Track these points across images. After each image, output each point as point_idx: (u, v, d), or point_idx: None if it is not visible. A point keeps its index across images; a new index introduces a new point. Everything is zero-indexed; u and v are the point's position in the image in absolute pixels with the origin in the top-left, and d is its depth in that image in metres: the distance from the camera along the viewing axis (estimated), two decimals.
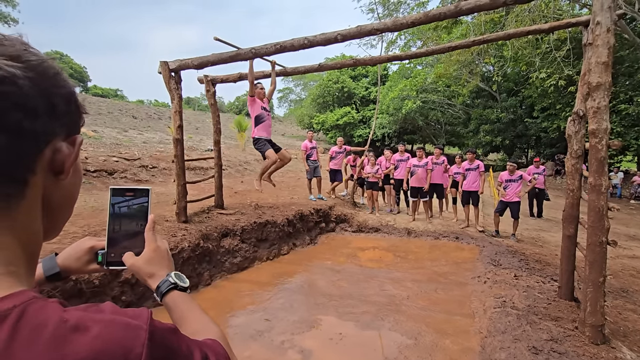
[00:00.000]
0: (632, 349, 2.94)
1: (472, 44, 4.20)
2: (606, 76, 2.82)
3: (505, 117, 20.06)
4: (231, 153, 13.80)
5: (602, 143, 2.84)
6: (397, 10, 12.75)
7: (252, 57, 4.11)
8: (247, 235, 5.37)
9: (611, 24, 2.79)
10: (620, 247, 6.50)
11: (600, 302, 2.87)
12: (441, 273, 5.04)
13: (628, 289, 4.48)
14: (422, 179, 7.46)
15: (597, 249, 2.87)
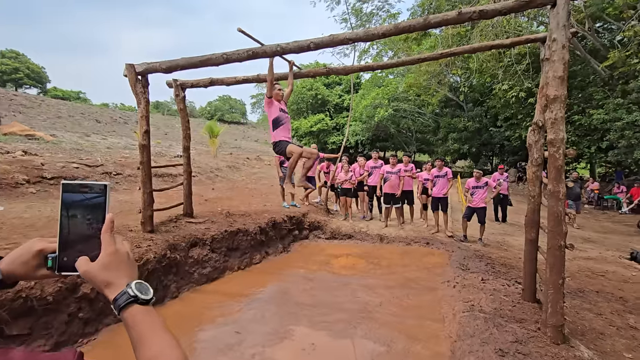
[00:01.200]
0: (589, 347, 3.10)
1: (440, 56, 4.36)
2: (562, 89, 3.00)
3: (471, 126, 20.95)
4: (202, 159, 13.45)
5: (560, 152, 3.01)
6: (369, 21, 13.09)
7: (223, 62, 4.03)
8: (218, 244, 5.21)
9: (566, 41, 2.98)
10: (576, 249, 6.91)
11: (560, 303, 3.01)
12: (412, 278, 5.12)
13: (584, 289, 4.74)
14: (395, 186, 7.60)
15: (557, 253, 3.01)
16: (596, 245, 7.85)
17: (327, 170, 9.13)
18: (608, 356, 3.02)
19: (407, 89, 21.41)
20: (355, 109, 24.91)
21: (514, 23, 13.30)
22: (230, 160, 15.24)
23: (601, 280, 5.27)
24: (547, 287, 3.08)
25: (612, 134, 12.79)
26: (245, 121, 57.98)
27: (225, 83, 5.17)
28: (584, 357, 2.88)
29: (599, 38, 14.71)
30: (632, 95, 12.79)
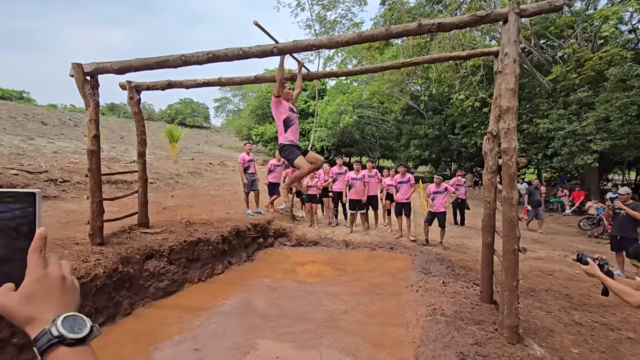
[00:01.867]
0: (541, 344, 3.26)
1: (402, 65, 4.47)
2: (514, 101, 3.17)
3: (431, 133, 21.86)
4: (161, 165, 12.82)
5: (512, 160, 3.17)
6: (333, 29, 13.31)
7: (181, 64, 3.85)
8: (176, 255, 4.93)
9: (517, 56, 3.16)
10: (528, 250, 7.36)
11: (515, 304, 3.15)
12: (377, 284, 5.16)
13: (535, 289, 5.04)
14: (360, 192, 7.68)
15: (511, 256, 3.16)
16: (544, 245, 8.42)
17: None
18: (558, 352, 3.19)
19: (370, 96, 21.94)
20: (321, 115, 25.07)
21: (469, 37, 14.11)
22: (192, 166, 14.67)
23: (550, 279, 5.64)
24: (503, 289, 3.21)
25: (556, 142, 13.90)
26: (209, 125, 56.29)
27: (184, 86, 4.95)
28: (537, 355, 3.02)
29: (543, 54, 16.01)
30: (572, 106, 14.01)
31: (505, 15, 3.13)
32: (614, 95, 12.05)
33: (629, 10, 13.15)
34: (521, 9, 3.12)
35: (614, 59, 12.07)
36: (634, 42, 15.22)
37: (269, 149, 28.15)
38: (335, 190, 8.25)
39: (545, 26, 15.09)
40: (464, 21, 3.27)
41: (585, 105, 13.53)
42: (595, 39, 13.95)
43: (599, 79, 13.19)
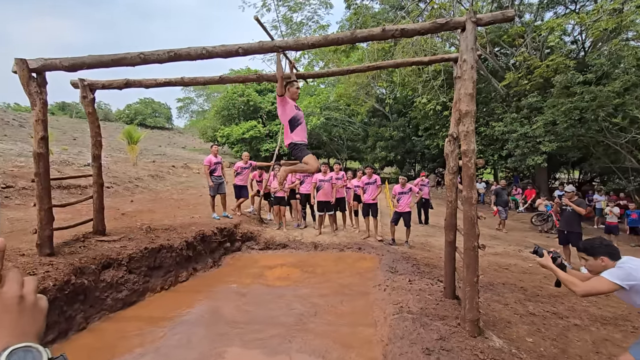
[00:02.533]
0: (499, 336, 3.45)
1: (367, 69, 4.56)
2: (472, 105, 3.33)
3: (396, 135, 22.51)
4: (119, 168, 12.13)
5: (472, 162, 3.32)
6: (299, 31, 13.32)
7: (140, 62, 3.66)
8: (136, 264, 4.67)
9: (474, 62, 3.33)
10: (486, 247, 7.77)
11: (476, 299, 3.30)
12: (346, 284, 5.20)
13: (493, 283, 5.32)
14: (329, 193, 7.73)
15: (472, 253, 3.31)
16: (501, 241, 8.94)
17: (260, 179, 8.92)
18: (514, 342, 3.39)
19: (337, 98, 22.23)
20: None
21: (430, 43, 14.71)
22: (153, 169, 14.02)
23: (506, 273, 5.99)
24: (465, 285, 3.36)
25: (510, 144, 14.82)
26: (171, 126, 54.02)
27: (144, 85, 4.72)
28: (496, 346, 3.19)
29: (498, 61, 17.03)
30: (524, 111, 15.02)
31: (463, 23, 3.29)
32: (559, 100, 13.07)
33: (571, 23, 14.33)
34: (477, 18, 3.29)
35: (559, 67, 13.10)
36: (576, 52, 16.61)
37: (235, 150, 27.58)
38: (303, 192, 8.24)
39: (499, 35, 16.07)
40: (425, 28, 3.39)
41: (535, 110, 14.56)
42: (542, 48, 15.06)
43: (546, 85, 14.25)
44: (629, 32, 12.79)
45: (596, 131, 12.91)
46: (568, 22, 13.91)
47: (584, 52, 16.15)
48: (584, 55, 15.44)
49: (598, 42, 14.49)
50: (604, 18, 11.68)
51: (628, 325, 3.96)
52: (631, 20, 11.42)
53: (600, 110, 11.98)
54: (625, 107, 11.69)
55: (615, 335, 3.70)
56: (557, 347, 3.39)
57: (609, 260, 2.21)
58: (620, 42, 12.37)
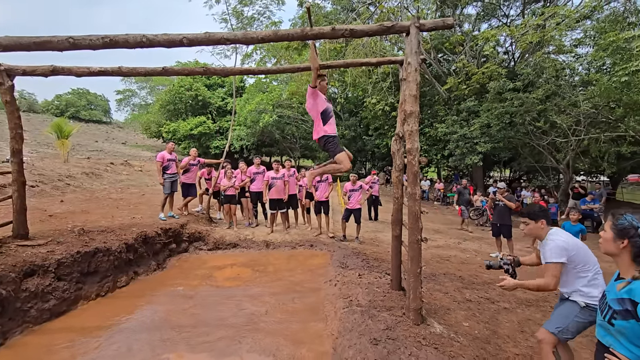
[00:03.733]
0: (440, 322, 3.69)
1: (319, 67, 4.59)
2: (416, 106, 3.51)
3: (348, 134, 23.00)
4: (47, 165, 10.92)
5: (416, 160, 3.51)
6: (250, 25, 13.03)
7: (69, 47, 3.31)
8: (66, 269, 4.24)
9: (418, 65, 3.51)
10: (430, 240, 8.27)
11: (419, 289, 3.50)
12: (298, 282, 5.22)
13: (435, 273, 5.69)
14: (281, 191, 7.67)
15: (415, 246, 3.50)
16: (442, 235, 9.58)
17: (209, 177, 8.59)
18: (453, 327, 3.65)
19: (290, 96, 22.12)
20: (240, 113, 24.35)
21: (380, 45, 15.25)
22: (88, 166, 12.82)
23: (447, 263, 6.43)
24: (409, 276, 3.54)
25: (451, 144, 15.91)
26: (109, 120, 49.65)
27: (74, 73, 4.29)
28: (436, 332, 3.41)
29: (441, 66, 18.18)
30: (463, 114, 16.21)
31: (408, 28, 3.45)
32: (493, 105, 14.32)
33: (503, 35, 15.74)
34: (421, 23, 3.47)
35: (493, 74, 14.34)
36: (507, 61, 18.30)
37: (182, 147, 26.22)
38: (253, 191, 8.07)
39: (442, 42, 17.17)
40: (373, 30, 3.51)
41: (473, 113, 15.79)
42: (479, 57, 16.38)
43: (482, 91, 15.52)
44: (550, 46, 14.38)
45: (523, 134, 14.37)
46: (501, 34, 15.27)
47: (513, 62, 17.84)
48: (514, 64, 17.06)
49: (525, 53, 16.11)
50: (530, 32, 13.01)
51: (547, 306, 4.47)
52: (551, 36, 12.85)
53: (526, 115, 13.35)
54: (546, 113, 13.15)
55: (537, 315, 4.15)
56: (489, 328, 3.72)
57: (546, 224, 2.58)
58: (542, 55, 13.86)
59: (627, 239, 1.57)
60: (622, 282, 1.56)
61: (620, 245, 1.60)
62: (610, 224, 1.66)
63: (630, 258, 1.57)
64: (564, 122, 12.61)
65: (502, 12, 18.09)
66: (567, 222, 5.90)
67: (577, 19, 12.90)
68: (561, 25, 12.64)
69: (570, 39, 14.82)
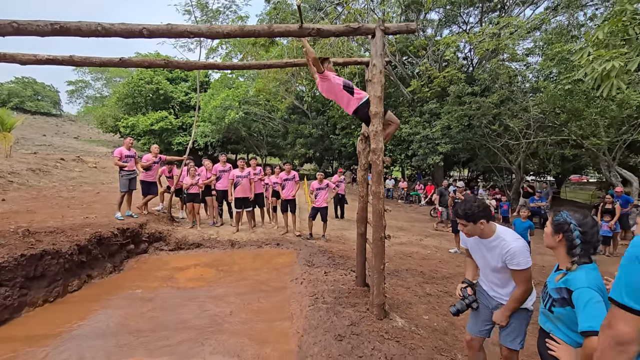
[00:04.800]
0: (402, 316, 3.83)
1: (285, 65, 4.58)
2: (381, 107, 3.60)
3: (315, 133, 23.07)
4: None
5: (380, 159, 3.61)
6: (215, 19, 12.65)
7: (12, 32, 3.03)
8: (8, 274, 3.90)
9: (382, 67, 3.60)
10: (393, 237, 8.53)
11: (382, 285, 3.60)
12: (263, 281, 5.17)
13: (398, 269, 5.88)
14: (247, 189, 7.55)
15: (379, 243, 3.60)
16: (406, 232, 9.91)
17: (170, 174, 8.26)
18: (414, 320, 3.80)
19: (257, 93, 21.78)
20: (204, 109, 23.59)
21: (347, 46, 15.43)
22: (35, 162, 11.84)
23: (409, 259, 6.67)
24: (373, 273, 3.64)
25: (415, 145, 16.49)
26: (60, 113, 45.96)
27: (18, 61, 3.94)
28: (398, 326, 3.53)
29: (405, 69, 18.75)
30: (426, 115, 16.85)
31: (373, 30, 3.53)
32: (453, 108, 15.02)
33: (463, 41, 16.55)
34: (386, 26, 3.57)
35: (453, 78, 15.03)
36: (466, 66, 19.26)
37: (142, 143, 24.95)
38: (219, 189, 7.90)
39: (406, 45, 17.71)
40: (340, 30, 3.55)
41: (435, 115, 16.46)
42: (440, 61, 17.09)
43: (443, 94, 16.21)
44: (504, 54, 15.34)
45: (480, 136, 15.22)
46: (460, 40, 16.03)
47: (472, 67, 18.82)
48: (472, 70, 18.00)
49: (482, 59, 17.05)
50: (487, 40, 13.79)
51: None
52: (505, 44, 13.70)
53: (483, 118, 14.15)
54: (501, 117, 14.02)
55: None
56: (447, 321, 3.91)
57: (487, 222, 2.26)
58: (498, 62, 14.75)
59: (562, 233, 1.72)
60: (561, 273, 1.71)
61: (557, 239, 1.75)
62: (550, 220, 1.81)
63: (565, 251, 1.72)
64: (516, 126, 13.52)
65: (462, 20, 19.01)
66: (518, 219, 6.34)
67: (528, 29, 13.86)
68: (514, 35, 13.52)
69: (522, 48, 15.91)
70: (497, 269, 2.27)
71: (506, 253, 2.14)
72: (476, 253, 2.44)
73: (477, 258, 2.47)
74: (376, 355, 2.95)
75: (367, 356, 2.95)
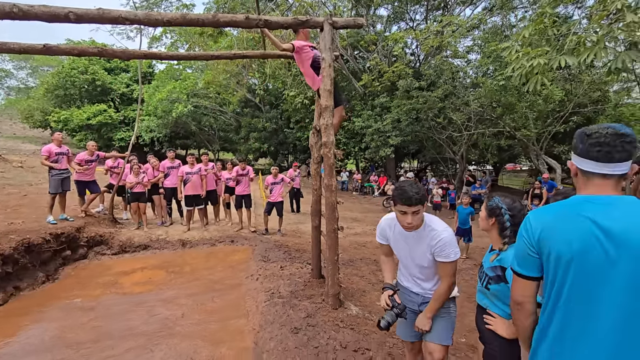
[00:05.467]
0: (356, 304, 3.95)
1: (234, 56, 4.42)
2: (330, 100, 3.63)
3: (269, 127, 22.74)
4: None
5: (331, 152, 3.65)
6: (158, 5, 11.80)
7: None
8: None
9: (331, 61, 3.62)
10: (347, 228, 8.74)
11: (336, 276, 3.68)
12: (217, 280, 5.03)
13: (353, 259, 6.05)
14: (198, 186, 7.24)
15: (332, 235, 3.66)
16: (360, 222, 10.20)
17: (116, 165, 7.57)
18: (367, 308, 3.94)
19: (206, 85, 20.87)
20: (149, 102, 22.12)
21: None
22: None
23: (363, 249, 6.88)
24: (327, 264, 3.70)
25: (367, 137, 16.94)
26: None
27: None
28: (353, 314, 3.64)
29: (357, 63, 19.09)
30: (377, 109, 17.35)
31: (322, 24, 3.54)
32: (402, 101, 15.64)
33: (410, 38, 17.22)
34: (334, 20, 3.59)
35: (402, 73, 15.62)
36: (414, 62, 20.10)
37: (77, 139, 22.81)
38: (168, 187, 7.49)
39: (357, 40, 18.00)
40: (288, 22, 3.51)
41: (385, 109, 17.02)
42: (390, 56, 17.64)
43: (393, 88, 16.79)
44: (447, 51, 16.25)
45: (427, 128, 16.04)
46: (408, 37, 16.67)
47: (419, 63, 19.68)
48: (419, 65, 18.83)
49: (428, 56, 17.90)
50: (431, 37, 14.50)
51: None
52: (448, 42, 14.52)
53: (429, 111, 14.92)
54: (445, 110, 14.88)
55: None
56: None
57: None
58: (442, 58, 15.59)
59: (494, 217, 1.88)
60: (495, 253, 1.87)
61: (490, 223, 1.90)
62: (484, 205, 1.97)
63: (497, 233, 1.88)
64: (458, 119, 14.44)
65: (409, 17, 19.75)
66: (461, 205, 6.81)
67: (468, 28, 14.81)
68: (456, 33, 14.37)
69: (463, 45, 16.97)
70: (423, 260, 2.07)
71: (436, 244, 1.96)
72: (400, 246, 2.18)
73: (399, 251, 2.21)
74: (331, 344, 3.02)
75: (323, 345, 3.01)
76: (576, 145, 1.25)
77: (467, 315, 3.93)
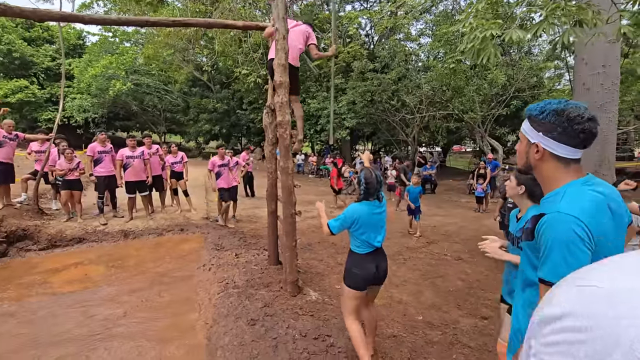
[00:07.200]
0: (315, 289, 3.84)
1: (173, 23, 3.92)
2: (285, 76, 3.36)
3: (220, 108, 21.60)
4: None
5: (287, 133, 3.41)
6: None
7: None
8: None
9: (285, 32, 3.33)
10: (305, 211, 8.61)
11: (295, 262, 3.53)
12: (165, 272, 4.64)
13: (311, 243, 5.95)
14: (141, 172, 6.59)
15: (289, 220, 3.48)
16: None
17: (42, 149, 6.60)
18: (326, 291, 3.86)
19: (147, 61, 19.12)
20: (80, 78, 19.81)
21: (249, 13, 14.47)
22: None
23: (321, 232, 6.80)
24: (285, 250, 3.53)
25: (322, 120, 16.77)
26: None
27: None
28: (312, 299, 3.53)
29: None
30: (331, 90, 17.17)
31: None
32: (357, 83, 15.59)
33: (364, 18, 17.09)
34: None
35: (357, 54, 15.51)
36: (368, 43, 20.08)
37: None
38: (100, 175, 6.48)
39: (312, 18, 17.46)
40: None
41: (341, 90, 16.89)
42: (344, 37, 17.40)
43: (348, 69, 16.67)
44: (400, 33, 16.39)
45: (381, 111, 16.23)
46: (362, 17, 16.51)
47: (373, 44, 19.69)
48: (373, 47, 18.85)
49: (382, 37, 17.94)
50: (385, 18, 14.48)
51: (400, 259, 5.22)
52: (402, 24, 14.61)
53: (383, 93, 15.06)
54: (398, 93, 15.12)
55: (392, 267, 4.79)
56: None
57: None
58: (395, 40, 15.71)
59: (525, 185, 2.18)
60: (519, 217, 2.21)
61: (521, 191, 2.20)
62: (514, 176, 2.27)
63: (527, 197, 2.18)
64: (411, 101, 14.77)
65: None
66: (411, 186, 6.95)
67: (421, 10, 14.99)
68: (408, 16, 14.48)
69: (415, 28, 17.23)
70: None
71: None
72: None
73: None
74: (291, 334, 2.89)
75: (282, 336, 2.86)
76: (550, 129, 1.13)
77: (424, 293, 4.02)
